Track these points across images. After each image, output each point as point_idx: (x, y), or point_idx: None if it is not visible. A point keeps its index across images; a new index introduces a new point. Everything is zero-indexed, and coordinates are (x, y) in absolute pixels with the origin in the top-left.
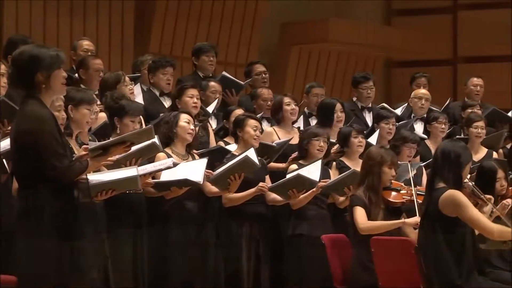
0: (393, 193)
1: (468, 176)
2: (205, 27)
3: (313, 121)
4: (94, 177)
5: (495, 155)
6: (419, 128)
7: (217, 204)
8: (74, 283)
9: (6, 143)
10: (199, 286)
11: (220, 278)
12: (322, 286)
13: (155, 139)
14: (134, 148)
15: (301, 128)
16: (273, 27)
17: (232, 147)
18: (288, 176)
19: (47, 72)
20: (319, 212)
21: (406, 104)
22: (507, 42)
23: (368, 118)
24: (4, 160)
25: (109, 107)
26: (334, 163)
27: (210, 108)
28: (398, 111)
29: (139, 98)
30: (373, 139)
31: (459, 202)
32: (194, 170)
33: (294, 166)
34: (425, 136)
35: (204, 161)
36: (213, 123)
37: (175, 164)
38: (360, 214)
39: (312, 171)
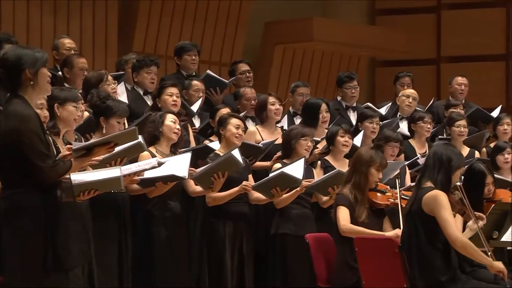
0: (379, 195)
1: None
2: (189, 26)
3: (298, 120)
4: (77, 177)
5: (477, 154)
6: (404, 127)
7: (200, 203)
8: (58, 283)
9: None
10: (182, 285)
11: (204, 277)
12: (306, 285)
13: (140, 139)
14: (119, 147)
15: (285, 127)
16: (258, 26)
17: (215, 145)
18: (271, 174)
19: (34, 68)
20: (303, 211)
21: (390, 104)
22: (491, 41)
23: (353, 117)
24: None
25: (95, 106)
26: (319, 162)
27: (195, 107)
28: (383, 111)
29: (123, 97)
30: (357, 140)
31: (438, 201)
32: (179, 165)
33: (278, 165)
34: (409, 134)
35: (187, 155)
36: (196, 122)
37: (159, 164)
38: (343, 214)
39: (295, 169)
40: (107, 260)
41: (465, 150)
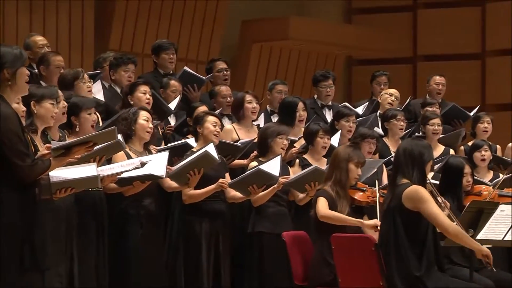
0: (359, 193)
1: (431, 175)
2: (165, 25)
3: (275, 119)
4: (55, 174)
5: (452, 152)
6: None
7: (177, 201)
8: (34, 282)
9: None
10: (158, 284)
11: (180, 276)
12: (283, 284)
13: (119, 138)
14: (98, 146)
15: (262, 126)
16: (234, 24)
17: (191, 141)
18: (248, 171)
19: (12, 68)
20: (279, 210)
21: (367, 103)
22: (466, 40)
23: (328, 116)
24: None
25: None
26: (297, 160)
27: (172, 106)
28: (360, 110)
29: (100, 95)
30: (335, 140)
31: (422, 196)
32: (156, 164)
33: (254, 163)
34: (382, 133)
35: (165, 154)
36: (172, 121)
37: (142, 164)
38: (322, 203)
39: (272, 166)
40: (87, 259)
41: (440, 148)
